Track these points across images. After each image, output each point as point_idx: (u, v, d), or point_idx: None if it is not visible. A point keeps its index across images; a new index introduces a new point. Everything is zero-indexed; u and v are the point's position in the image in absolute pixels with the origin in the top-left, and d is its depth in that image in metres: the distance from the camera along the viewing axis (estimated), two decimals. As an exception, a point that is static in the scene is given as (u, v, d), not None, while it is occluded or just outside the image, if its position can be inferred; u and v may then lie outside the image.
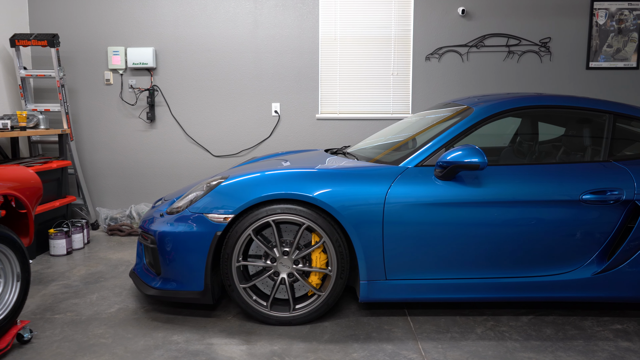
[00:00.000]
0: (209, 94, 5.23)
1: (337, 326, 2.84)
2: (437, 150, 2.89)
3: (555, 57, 5.12)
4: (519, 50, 5.11)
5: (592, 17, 5.05)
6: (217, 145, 5.28)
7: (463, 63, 5.13)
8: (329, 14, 5.13)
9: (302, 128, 5.24)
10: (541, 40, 5.10)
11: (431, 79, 5.16)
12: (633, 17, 5.03)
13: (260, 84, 5.20)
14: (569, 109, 3.06)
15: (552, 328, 2.82)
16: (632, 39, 5.07)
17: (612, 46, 5.08)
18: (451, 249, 2.78)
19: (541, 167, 2.87)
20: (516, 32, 5.09)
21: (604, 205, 2.76)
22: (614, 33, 5.06)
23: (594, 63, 5.10)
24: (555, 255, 2.81)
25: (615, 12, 5.03)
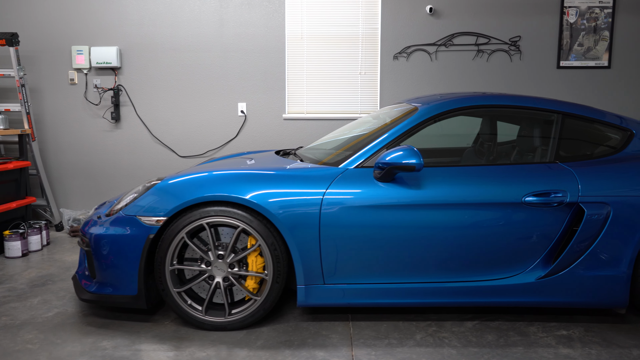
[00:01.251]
0: (174, 94, 5.16)
1: (274, 331, 2.76)
2: (378, 151, 2.82)
3: (526, 56, 5.04)
4: (489, 49, 5.02)
5: (563, 16, 4.96)
6: (183, 145, 5.21)
7: (432, 62, 5.05)
8: (295, 12, 5.05)
9: (269, 128, 5.16)
10: (511, 39, 5.01)
11: (399, 78, 5.08)
12: (604, 16, 4.94)
13: (226, 84, 5.13)
14: (516, 108, 2.98)
15: (495, 334, 2.74)
16: (604, 37, 4.98)
17: (583, 45, 4.99)
18: (391, 253, 2.71)
19: (484, 168, 2.79)
20: (485, 30, 5.01)
21: (548, 207, 2.68)
22: (585, 32, 4.97)
23: (564, 62, 5.02)
24: (498, 259, 2.73)
25: (586, 10, 4.94)
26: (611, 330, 2.80)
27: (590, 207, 2.67)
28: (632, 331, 2.78)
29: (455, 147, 3.28)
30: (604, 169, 2.74)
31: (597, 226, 2.67)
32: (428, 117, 2.88)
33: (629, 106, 5.08)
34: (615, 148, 2.90)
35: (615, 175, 2.71)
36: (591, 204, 2.67)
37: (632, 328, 2.82)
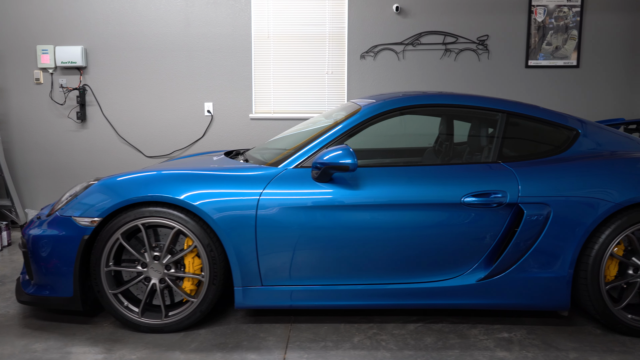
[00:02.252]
0: (141, 93, 5.12)
1: (212, 334, 2.73)
2: (317, 152, 2.78)
3: (494, 56, 5.00)
4: (456, 49, 4.98)
5: (531, 14, 4.92)
6: (149, 145, 5.17)
7: (399, 61, 5.01)
8: (262, 11, 5.02)
9: (236, 128, 5.13)
10: (479, 38, 4.97)
11: (367, 77, 5.04)
12: (572, 14, 4.90)
13: (192, 83, 5.09)
14: (460, 108, 2.95)
15: (435, 337, 2.70)
16: (572, 36, 4.94)
17: (552, 44, 4.95)
18: (329, 254, 2.67)
19: (424, 168, 2.75)
20: (453, 29, 4.97)
21: (487, 208, 2.64)
22: (554, 31, 4.93)
23: (533, 61, 4.97)
24: (439, 260, 2.69)
25: (554, 9, 4.90)
26: (554, 332, 2.76)
27: (529, 207, 2.63)
28: (575, 334, 2.74)
29: (399, 148, 3.24)
30: (545, 169, 2.70)
31: (537, 227, 2.63)
32: (368, 117, 2.84)
33: (597, 106, 5.04)
34: (560, 148, 2.86)
35: (556, 176, 2.67)
36: (531, 205, 2.63)
37: (576, 330, 2.78)
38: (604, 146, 2.90)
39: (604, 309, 2.66)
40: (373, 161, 2.98)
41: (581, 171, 2.67)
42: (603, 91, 5.03)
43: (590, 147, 2.87)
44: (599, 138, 2.91)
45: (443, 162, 2.86)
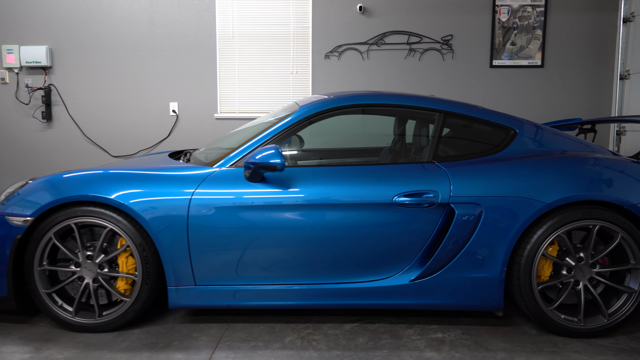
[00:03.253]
0: (106, 93, 5.12)
1: (146, 333, 2.73)
2: (251, 151, 2.78)
3: (458, 55, 4.99)
4: (421, 48, 4.98)
5: (495, 14, 4.91)
6: (115, 145, 5.18)
7: (363, 61, 5.01)
8: (226, 11, 5.02)
9: (201, 128, 5.13)
10: (443, 38, 4.97)
11: (331, 77, 5.03)
12: (536, 14, 4.89)
13: (158, 83, 5.09)
14: (398, 107, 2.94)
15: (368, 337, 2.70)
16: (536, 36, 4.93)
17: (516, 44, 4.94)
18: (262, 254, 2.67)
19: (358, 168, 2.74)
20: (417, 29, 4.96)
21: (419, 208, 2.64)
22: (518, 30, 4.93)
23: (497, 61, 4.97)
24: (372, 260, 2.69)
25: (518, 8, 4.90)
26: (489, 333, 2.75)
27: (461, 207, 2.62)
28: (510, 334, 2.74)
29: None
30: (477, 169, 2.69)
31: (468, 227, 2.63)
32: (303, 118, 2.84)
33: (562, 105, 5.03)
34: (497, 148, 2.85)
35: (488, 176, 2.66)
36: (462, 205, 2.62)
37: (511, 331, 2.78)
38: (545, 146, 2.89)
39: (536, 309, 2.66)
40: (308, 162, 2.96)
41: (513, 171, 2.67)
42: (567, 91, 5.02)
43: (528, 147, 2.86)
44: (538, 138, 2.90)
45: (378, 162, 2.85)
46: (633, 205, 2.60)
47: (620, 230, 2.61)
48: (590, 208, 2.61)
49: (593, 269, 2.69)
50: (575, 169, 2.67)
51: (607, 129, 5.02)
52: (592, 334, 2.68)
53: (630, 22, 4.57)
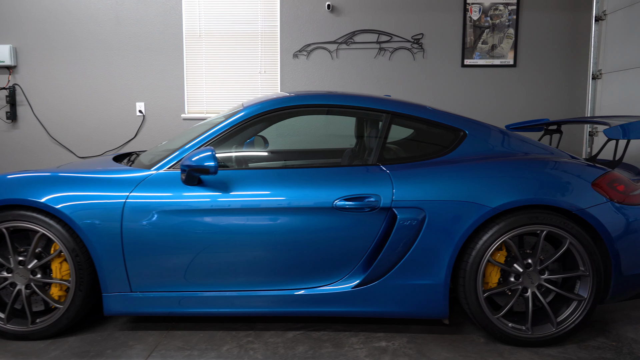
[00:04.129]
0: (72, 93, 5.04)
1: (80, 342, 2.64)
2: (190, 154, 2.68)
3: (429, 55, 4.90)
4: (391, 47, 4.88)
5: (466, 13, 4.82)
6: (81, 145, 5.09)
7: (333, 60, 4.92)
8: (193, 9, 4.93)
9: (168, 128, 5.04)
10: (413, 37, 4.87)
11: (300, 76, 4.94)
12: (508, 13, 4.80)
13: (124, 83, 5.01)
14: (345, 108, 2.85)
15: (309, 345, 2.61)
16: (508, 35, 4.84)
17: (488, 43, 4.85)
18: (198, 260, 2.58)
19: (299, 171, 2.65)
20: (387, 28, 4.87)
21: (360, 212, 2.55)
22: (489, 29, 4.83)
23: (469, 60, 4.87)
24: (314, 266, 2.60)
25: (490, 7, 4.80)
26: (435, 341, 2.66)
27: (403, 212, 2.53)
28: (457, 342, 2.65)
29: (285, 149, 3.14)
30: (421, 172, 2.60)
31: (411, 233, 2.54)
32: (244, 119, 2.76)
33: (535, 105, 4.94)
34: (445, 150, 2.76)
35: (432, 179, 2.57)
36: (404, 209, 2.53)
37: (459, 339, 2.69)
38: (496, 148, 2.79)
39: (482, 317, 2.57)
40: (250, 164, 2.86)
41: (458, 174, 2.57)
42: (540, 90, 4.93)
43: (478, 149, 2.77)
44: (489, 140, 2.81)
45: (321, 164, 2.76)
46: (582, 210, 2.51)
47: (568, 236, 2.52)
48: (537, 213, 2.52)
49: (542, 276, 2.60)
50: (523, 172, 2.58)
51: (580, 130, 4.93)
52: (541, 343, 2.59)
53: (602, 20, 4.48)
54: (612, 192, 2.58)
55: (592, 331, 2.78)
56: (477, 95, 4.91)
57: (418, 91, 4.91)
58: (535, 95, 4.93)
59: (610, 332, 2.78)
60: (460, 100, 4.93)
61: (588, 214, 2.51)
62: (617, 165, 2.90)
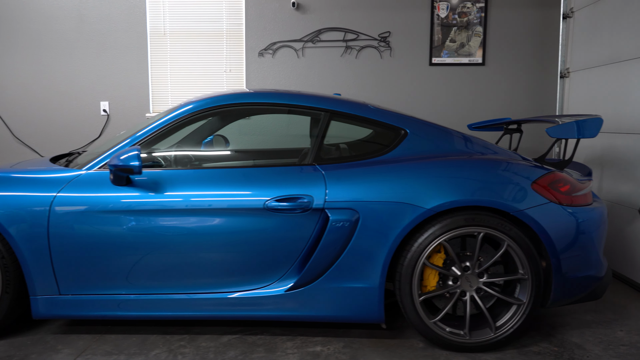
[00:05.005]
0: (36, 92, 4.98)
1: (8, 345, 2.58)
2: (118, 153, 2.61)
3: (396, 53, 4.82)
4: (357, 46, 4.81)
5: (433, 10, 4.74)
6: (46, 145, 5.03)
7: (299, 59, 4.84)
8: (157, 8, 4.86)
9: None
10: (380, 35, 4.80)
11: (266, 75, 4.88)
12: (476, 10, 4.72)
13: (88, 82, 4.95)
14: (284, 106, 2.77)
15: (241, 350, 2.54)
16: (477, 33, 4.76)
17: (456, 41, 4.77)
18: (127, 262, 2.51)
19: (232, 171, 2.58)
20: (354, 26, 4.80)
21: (293, 213, 2.48)
22: (457, 27, 4.75)
23: (437, 59, 4.79)
24: (247, 269, 2.53)
25: (457, 4, 4.72)
26: (373, 346, 2.59)
27: (335, 213, 2.46)
28: (393, 347, 2.57)
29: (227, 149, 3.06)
30: (356, 172, 2.53)
31: (344, 234, 2.46)
32: (179, 117, 2.69)
33: (504, 104, 4.86)
34: (385, 149, 2.68)
35: (366, 179, 2.49)
36: (337, 210, 2.46)
37: (397, 344, 2.61)
38: (439, 148, 2.71)
39: (418, 321, 2.49)
40: (183, 164, 2.78)
41: (393, 174, 2.50)
42: (509, 89, 4.85)
43: (419, 149, 2.69)
44: (432, 139, 2.72)
45: (255, 164, 2.69)
46: (520, 211, 2.43)
47: (506, 238, 2.44)
48: (474, 214, 2.44)
49: (480, 279, 2.53)
50: (460, 173, 2.50)
51: (550, 129, 4.85)
52: (479, 348, 2.52)
53: (570, 18, 4.39)
54: (554, 193, 2.50)
55: (538, 336, 2.71)
56: (446, 94, 4.84)
57: (385, 90, 4.84)
58: (504, 94, 4.85)
59: (556, 336, 2.70)
60: (429, 99, 4.85)
61: (527, 215, 2.43)
62: (566, 165, 2.82)
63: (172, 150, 2.81)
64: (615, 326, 2.83)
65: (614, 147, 3.70)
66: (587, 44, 4.12)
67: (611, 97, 3.75)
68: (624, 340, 2.65)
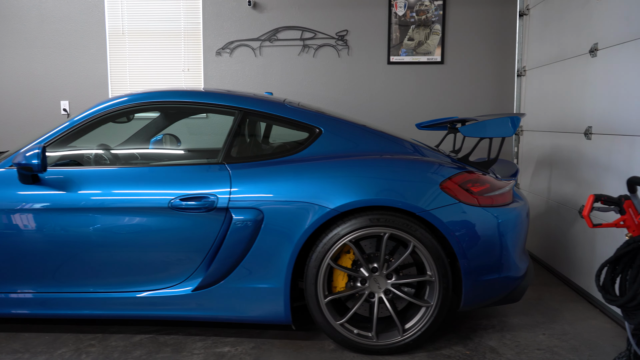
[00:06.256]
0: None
1: None
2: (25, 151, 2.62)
3: (354, 52, 4.78)
4: (315, 44, 4.78)
5: (391, 8, 4.69)
6: (6, 144, 5.06)
7: (256, 58, 4.82)
8: (115, 7, 4.87)
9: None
10: (338, 33, 4.76)
11: (224, 74, 4.86)
12: (434, 8, 4.66)
13: (48, 81, 4.98)
14: (198, 105, 2.75)
15: (148, 349, 2.52)
16: (435, 31, 4.70)
17: (414, 39, 4.71)
18: (32, 260, 2.51)
19: (140, 170, 2.57)
20: (311, 24, 4.76)
21: (198, 213, 2.46)
22: (415, 25, 4.69)
23: (395, 57, 4.74)
24: (156, 268, 2.52)
25: (415, 2, 4.66)
26: (282, 348, 2.55)
27: (239, 212, 2.43)
28: (303, 349, 2.54)
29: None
30: (262, 171, 2.50)
31: (247, 234, 2.44)
32: (88, 118, 2.68)
33: (464, 102, 4.79)
34: (298, 148, 2.65)
35: (270, 179, 2.47)
36: (241, 210, 2.44)
37: (307, 346, 2.58)
38: (355, 147, 2.65)
39: (324, 322, 2.46)
40: (92, 163, 2.76)
41: (299, 174, 2.46)
42: (469, 87, 4.78)
43: (333, 148, 2.64)
44: (347, 138, 2.67)
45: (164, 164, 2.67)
46: (426, 211, 2.38)
47: (412, 239, 2.39)
48: (379, 215, 2.40)
49: (389, 281, 2.48)
50: (367, 172, 2.46)
51: (509, 129, 4.76)
52: (387, 351, 2.47)
53: (526, 15, 4.31)
54: (465, 193, 2.44)
55: (455, 339, 2.65)
56: (405, 93, 4.78)
57: (343, 89, 4.80)
58: (463, 92, 4.78)
59: (474, 340, 2.64)
60: (387, 98, 4.80)
61: (433, 216, 2.38)
62: (491, 165, 2.76)
63: (84, 149, 2.80)
64: (539, 330, 2.77)
65: (560, 146, 3.63)
66: (539, 41, 4.05)
67: (558, 95, 3.68)
68: (542, 345, 2.59)
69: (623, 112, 2.80)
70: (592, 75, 3.15)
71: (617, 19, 2.87)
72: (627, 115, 2.76)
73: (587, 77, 3.22)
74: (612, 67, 2.91)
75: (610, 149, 2.95)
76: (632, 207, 1.87)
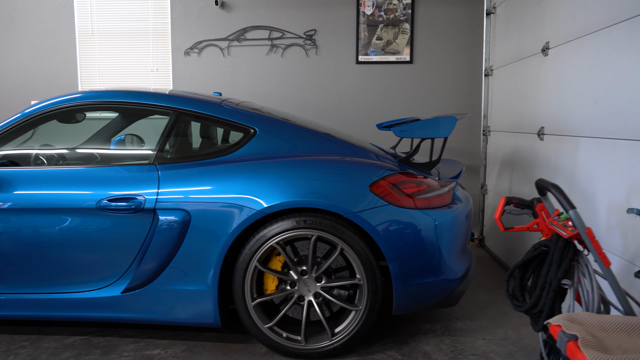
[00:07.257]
0: (-29, 92, 5.05)
1: None
2: (-35, 151, 2.62)
3: (322, 51, 4.74)
4: (283, 44, 4.74)
5: (359, 7, 4.64)
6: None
7: (224, 57, 4.80)
8: (85, 7, 4.88)
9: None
10: (306, 33, 4.72)
11: (193, 74, 4.84)
12: (403, 7, 4.60)
13: (18, 82, 4.99)
14: (132, 105, 2.73)
15: (79, 351, 2.51)
16: (404, 30, 4.64)
17: (382, 38, 4.66)
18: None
19: (71, 171, 2.55)
20: (279, 24, 4.73)
21: (125, 214, 2.43)
22: (384, 24, 4.64)
23: (363, 57, 4.69)
24: (85, 270, 2.50)
25: (383, 1, 4.61)
26: (212, 351, 2.52)
27: (165, 213, 2.41)
28: (232, 353, 2.51)
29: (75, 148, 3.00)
30: (191, 172, 2.47)
31: (174, 236, 2.41)
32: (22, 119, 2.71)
33: (433, 102, 4.73)
34: (232, 148, 2.61)
35: (199, 180, 2.44)
36: (167, 211, 2.41)
37: (240, 349, 2.54)
38: (291, 147, 2.61)
39: (252, 326, 2.43)
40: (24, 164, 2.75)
41: (227, 175, 2.43)
42: (437, 87, 4.72)
43: (267, 148, 2.60)
44: (283, 138, 2.63)
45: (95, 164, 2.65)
46: (354, 213, 2.34)
47: (339, 242, 2.35)
48: (305, 216, 2.36)
49: (318, 284, 2.44)
50: (294, 173, 2.42)
51: (478, 129, 4.70)
52: (317, 355, 2.43)
53: (493, 14, 4.24)
54: (396, 195, 2.40)
55: (391, 343, 2.61)
56: (373, 92, 4.73)
57: (312, 89, 4.76)
58: (432, 92, 4.72)
59: (410, 344, 2.59)
60: (356, 97, 4.76)
61: (361, 218, 2.34)
62: (434, 166, 2.71)
63: (17, 149, 2.80)
64: (480, 334, 2.71)
65: (519, 147, 3.56)
66: (503, 40, 3.98)
67: (517, 95, 3.61)
68: (479, 350, 2.53)
69: (569, 112, 2.73)
70: (544, 74, 3.09)
71: (565, 16, 2.80)
72: (572, 116, 2.70)
73: (540, 76, 3.15)
74: (561, 66, 2.85)
75: (558, 150, 2.88)
76: (545, 209, 1.82)
